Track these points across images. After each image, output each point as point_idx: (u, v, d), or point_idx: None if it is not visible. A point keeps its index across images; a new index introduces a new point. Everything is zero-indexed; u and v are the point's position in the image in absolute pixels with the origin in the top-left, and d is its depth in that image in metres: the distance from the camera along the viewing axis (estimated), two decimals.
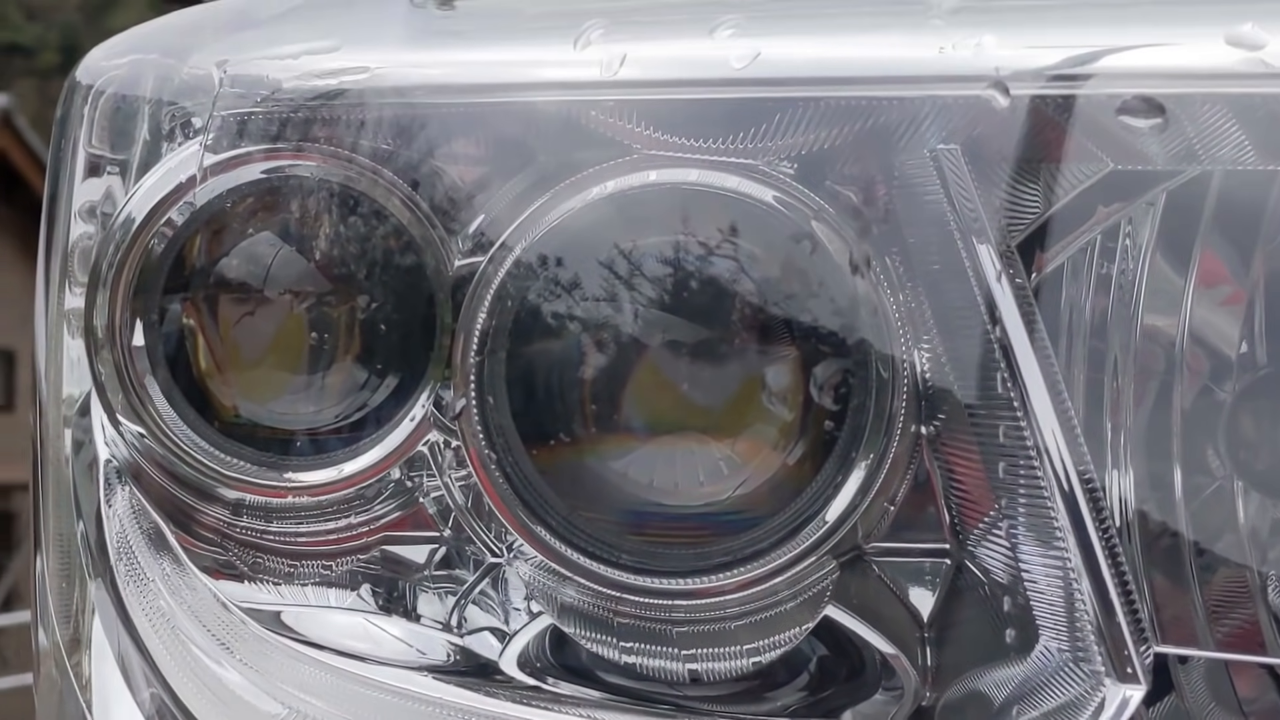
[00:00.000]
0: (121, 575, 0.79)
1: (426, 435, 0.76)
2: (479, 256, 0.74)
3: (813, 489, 0.74)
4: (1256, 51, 0.62)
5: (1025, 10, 0.69)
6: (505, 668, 0.77)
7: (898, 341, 0.70)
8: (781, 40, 0.71)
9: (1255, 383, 0.69)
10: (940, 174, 0.69)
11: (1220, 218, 0.68)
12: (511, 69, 0.74)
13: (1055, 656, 0.68)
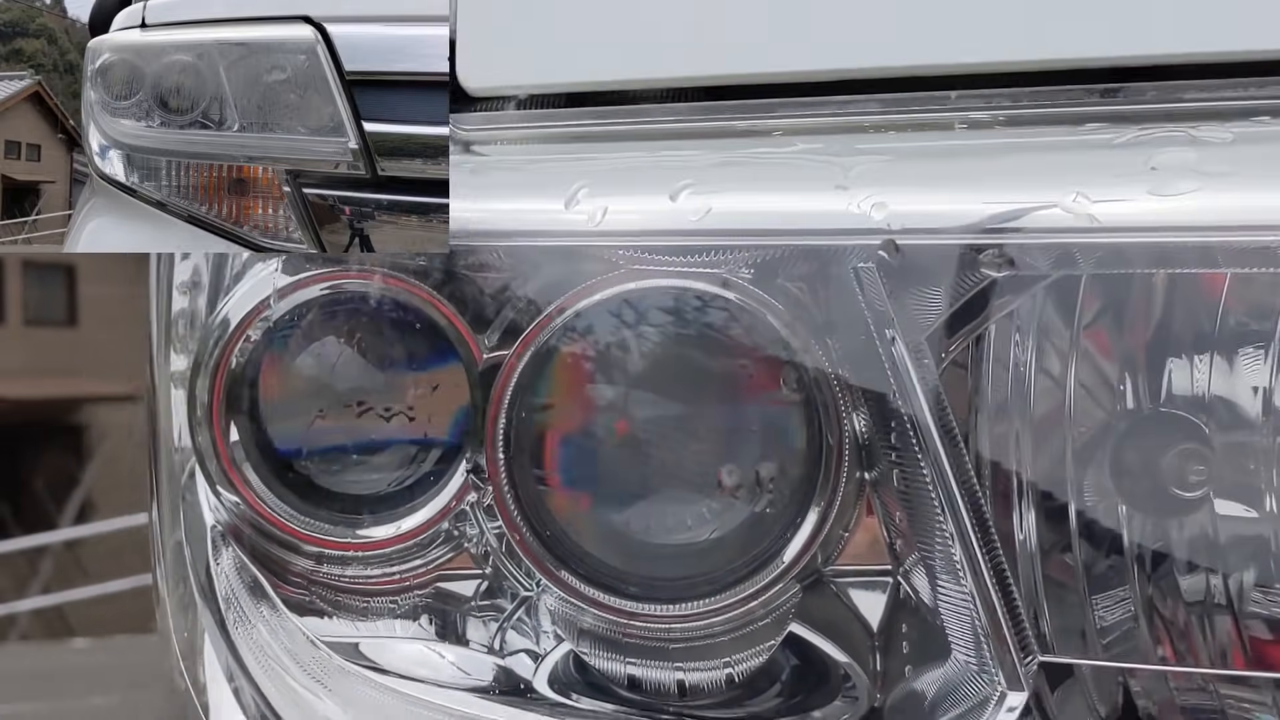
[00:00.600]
0: (230, 620, 0.93)
1: (467, 495, 0.89)
2: (503, 350, 0.86)
3: (778, 528, 0.85)
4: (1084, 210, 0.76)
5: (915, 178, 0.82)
6: (538, 686, 0.89)
7: (839, 411, 0.82)
8: (725, 197, 0.82)
9: (1133, 425, 0.80)
10: (860, 285, 0.80)
11: (1091, 297, 0.79)
12: (524, 217, 0.87)
13: (964, 666, 0.80)
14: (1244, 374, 0.79)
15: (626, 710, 0.88)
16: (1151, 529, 0.81)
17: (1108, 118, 0.82)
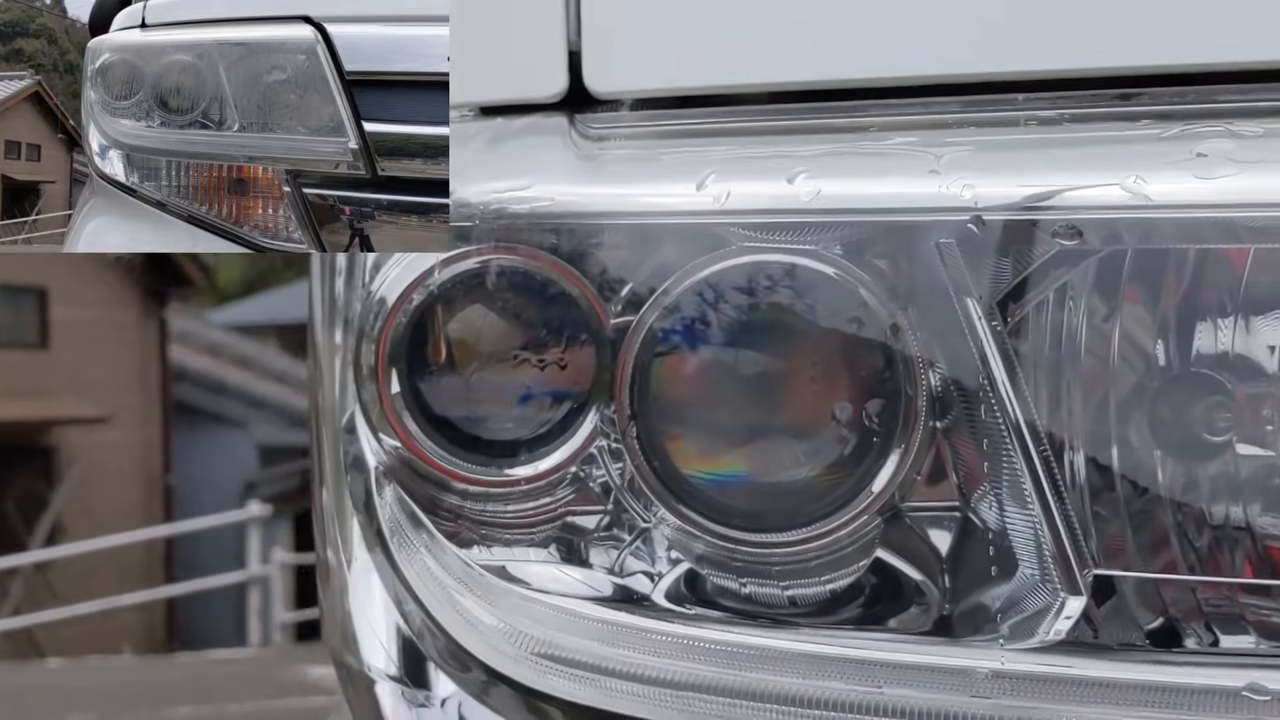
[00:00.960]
0: (394, 546, 1.04)
1: (596, 441, 0.98)
2: (629, 315, 0.96)
3: (863, 468, 0.95)
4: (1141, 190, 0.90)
5: (996, 165, 0.93)
6: (655, 598, 0.98)
7: (917, 368, 0.92)
8: (836, 181, 0.93)
9: (1168, 382, 0.91)
10: (942, 258, 0.91)
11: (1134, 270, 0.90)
12: (654, 200, 0.98)
13: (1029, 579, 0.91)
14: (1262, 336, 0.89)
15: (730, 615, 0.97)
16: (1183, 468, 0.91)
17: (1157, 115, 0.93)
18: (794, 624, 0.97)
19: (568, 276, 0.99)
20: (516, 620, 1.00)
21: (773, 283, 0.96)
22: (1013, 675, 0.90)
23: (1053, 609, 0.91)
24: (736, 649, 0.95)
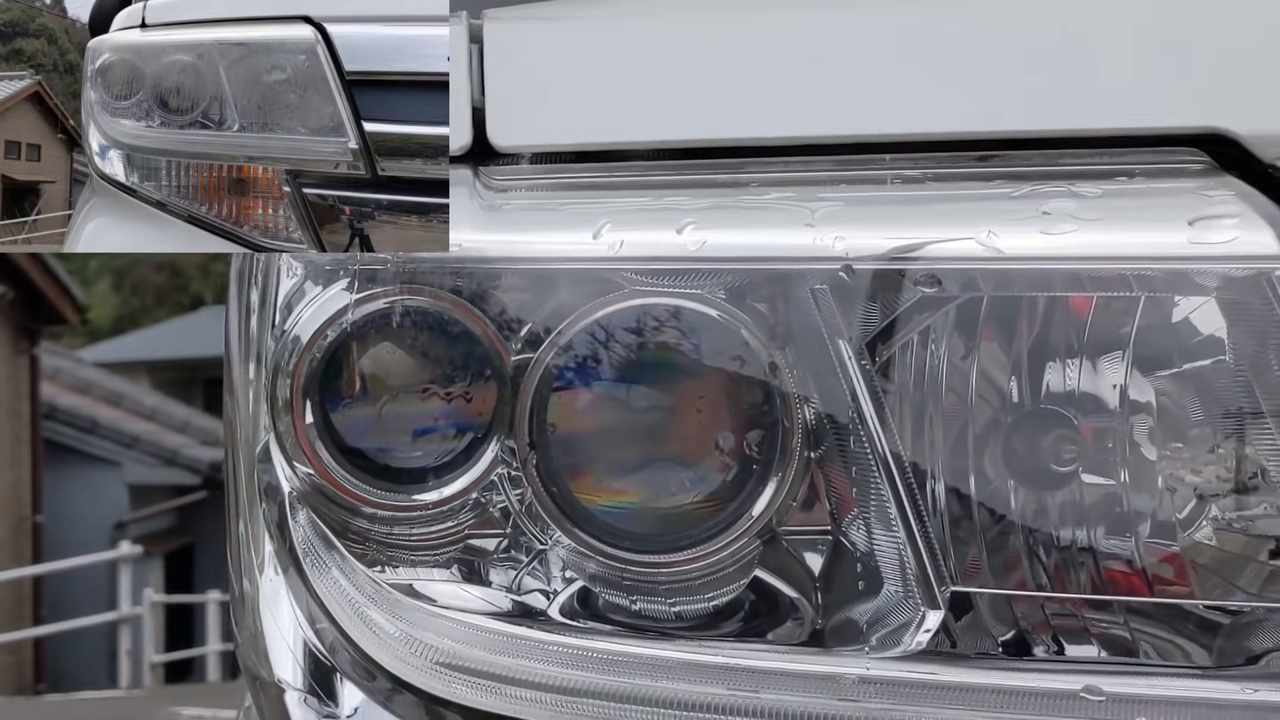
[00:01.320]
0: (307, 566, 1.09)
1: (496, 469, 1.04)
2: (528, 353, 1.02)
3: (743, 496, 1.01)
4: (993, 244, 0.98)
5: (865, 219, 1.01)
6: (551, 614, 1.04)
7: (793, 403, 1.00)
8: (720, 232, 1.00)
9: (1020, 417, 0.99)
10: (816, 303, 0.98)
11: (989, 315, 0.98)
12: (554, 246, 1.04)
13: (894, 596, 0.98)
14: (1104, 376, 0.97)
15: (623, 630, 1.04)
16: (1033, 495, 0.99)
17: (1008, 176, 1.01)
18: (679, 636, 1.03)
19: (470, 317, 1.05)
20: (421, 633, 1.06)
21: (661, 323, 1.02)
22: (877, 680, 0.97)
23: (914, 622, 0.99)
24: (626, 658, 1.02)
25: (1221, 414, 0.97)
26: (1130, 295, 0.98)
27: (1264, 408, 0.96)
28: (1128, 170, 1.01)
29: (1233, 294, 0.96)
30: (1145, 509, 0.98)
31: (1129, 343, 0.98)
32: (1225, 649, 0.98)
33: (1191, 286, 0.97)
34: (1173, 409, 0.98)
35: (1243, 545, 0.98)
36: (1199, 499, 0.97)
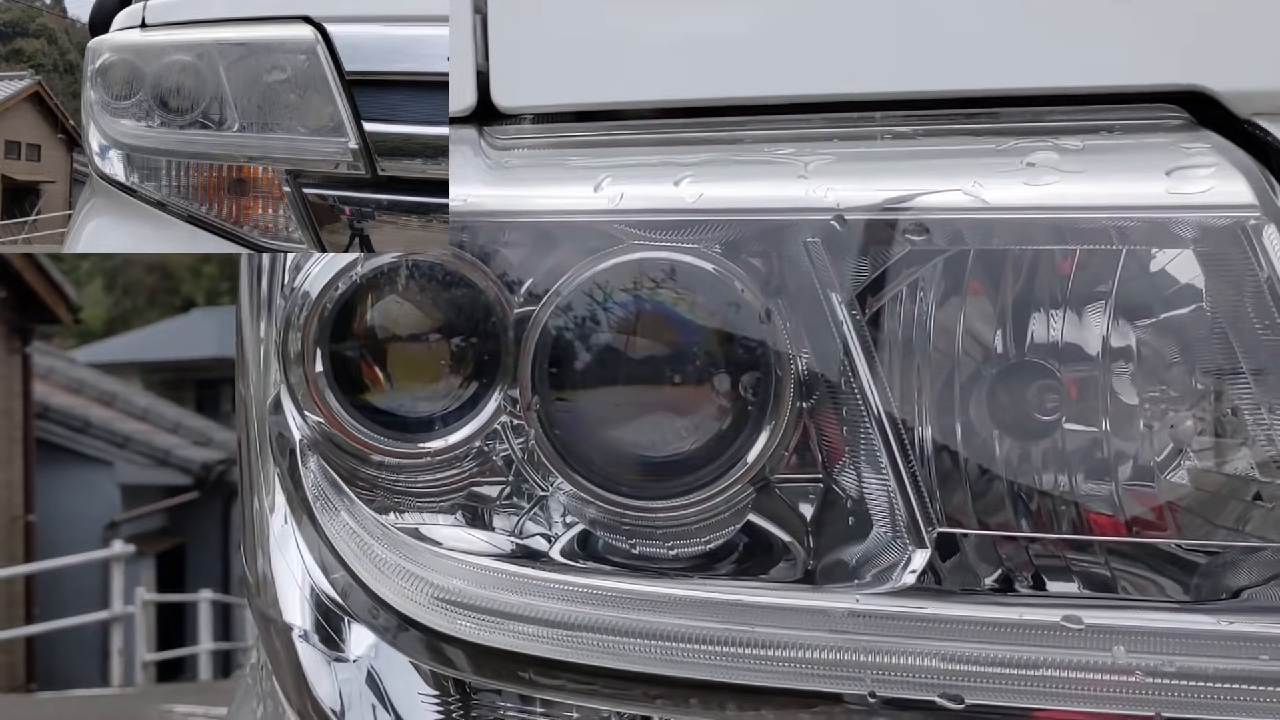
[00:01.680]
0: (317, 510, 1.13)
1: (500, 418, 1.08)
2: (530, 305, 1.06)
3: (739, 444, 1.05)
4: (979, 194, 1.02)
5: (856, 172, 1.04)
6: (552, 555, 1.08)
7: (787, 354, 1.03)
8: (716, 185, 1.03)
9: (1005, 367, 1.02)
10: (809, 255, 1.02)
11: (976, 267, 1.01)
12: (556, 200, 1.07)
13: (883, 537, 1.02)
14: (1086, 327, 1.01)
15: (622, 570, 1.08)
16: (1017, 443, 1.02)
17: (994, 131, 1.05)
18: (676, 575, 1.07)
19: (475, 270, 1.08)
20: (427, 572, 1.10)
21: (658, 277, 1.06)
22: (865, 614, 1.01)
23: (902, 562, 1.03)
24: (624, 594, 1.06)
25: (1198, 361, 1.01)
26: (1111, 248, 1.01)
27: (1238, 353, 0.99)
28: (1109, 125, 1.05)
29: (1210, 244, 1.00)
30: (1125, 454, 1.01)
31: (1110, 294, 1.01)
32: (1203, 586, 1.02)
33: (1170, 237, 1.00)
34: (1152, 358, 1.01)
35: (1219, 486, 1.01)
36: (1176, 444, 1.01)
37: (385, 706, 1.15)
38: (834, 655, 1.03)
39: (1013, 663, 1.00)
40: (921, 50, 1.08)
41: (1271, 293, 0.99)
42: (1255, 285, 0.99)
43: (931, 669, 1.01)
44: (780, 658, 1.03)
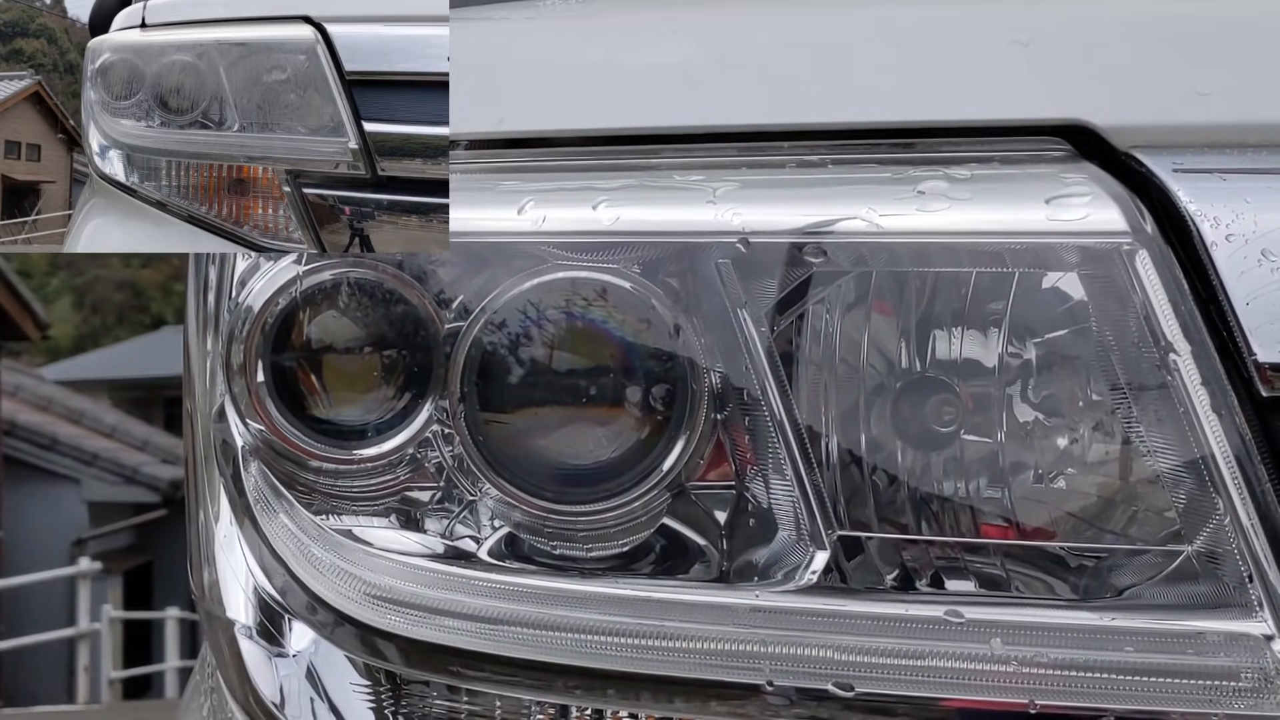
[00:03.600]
0: (258, 513, 1.19)
1: (431, 427, 1.14)
2: (460, 321, 1.12)
3: (655, 453, 1.11)
4: (874, 220, 1.11)
5: (760, 198, 1.10)
6: (480, 555, 1.14)
7: (702, 369, 1.10)
8: (632, 209, 1.10)
9: (906, 382, 1.09)
10: (720, 275, 1.09)
11: (879, 288, 1.08)
12: (484, 222, 1.13)
13: (788, 540, 1.09)
14: (982, 344, 1.08)
15: (544, 569, 1.14)
16: (918, 453, 1.09)
17: (892, 161, 1.12)
18: (595, 574, 1.14)
19: (409, 287, 1.15)
20: (361, 571, 1.16)
21: (580, 294, 1.12)
22: (766, 609, 1.08)
23: (804, 562, 1.10)
24: (546, 591, 1.12)
25: (1084, 378, 1.08)
26: (1004, 271, 1.08)
27: (1118, 371, 1.06)
28: (997, 156, 1.12)
29: (1089, 268, 1.07)
30: (1018, 463, 1.09)
31: (1005, 314, 1.09)
32: (1091, 586, 1.09)
33: (1051, 261, 1.08)
34: (1042, 373, 1.09)
35: (1104, 494, 1.08)
36: (1065, 454, 1.08)
37: (322, 698, 1.21)
38: (736, 647, 1.09)
39: (899, 654, 1.07)
40: (825, 84, 1.16)
41: (1145, 315, 1.06)
42: (1131, 307, 1.06)
43: (825, 660, 1.08)
44: (689, 649, 1.10)
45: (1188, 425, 1.06)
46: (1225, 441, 1.05)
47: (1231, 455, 1.05)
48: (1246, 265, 1.06)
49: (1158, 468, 1.07)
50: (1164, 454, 1.07)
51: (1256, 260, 1.06)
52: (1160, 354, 1.06)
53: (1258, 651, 1.04)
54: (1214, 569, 1.06)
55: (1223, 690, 1.04)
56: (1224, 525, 1.06)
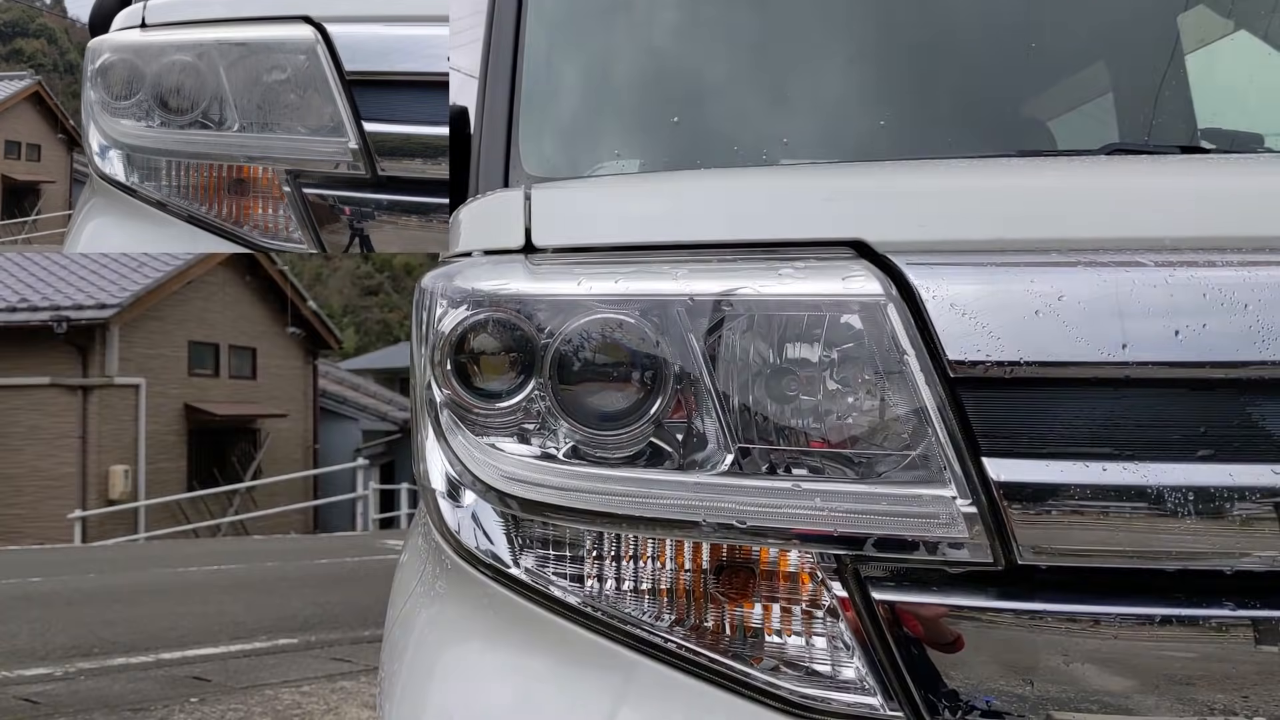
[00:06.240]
0: (448, 433, 1.98)
1: (535, 392, 1.88)
2: (549, 339, 1.89)
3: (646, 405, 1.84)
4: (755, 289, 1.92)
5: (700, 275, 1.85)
6: (559, 456, 1.88)
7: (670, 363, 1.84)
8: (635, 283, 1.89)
9: (774, 370, 1.94)
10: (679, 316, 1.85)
11: (759, 321, 1.84)
12: (558, 290, 1.86)
13: (713, 449, 1.88)
14: (810, 350, 1.91)
15: (590, 463, 1.88)
16: (778, 405, 1.92)
17: (766, 259, 1.89)
18: (616, 465, 1.87)
19: (524, 321, 1.89)
20: (499, 464, 1.93)
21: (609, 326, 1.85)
22: (703, 484, 1.83)
23: (721, 460, 1.83)
24: (591, 475, 1.88)
25: (861, 366, 1.84)
26: (820, 313, 1.87)
27: (879, 363, 1.87)
28: (816, 255, 1.85)
29: (865, 312, 1.76)
30: (828, 410, 1.91)
31: (822, 334, 1.79)
32: (865, 473, 1.81)
33: (847, 308, 1.78)
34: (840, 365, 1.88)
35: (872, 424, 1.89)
36: (852, 406, 1.93)
37: (479, 528, 1.98)
38: (687, 502, 1.80)
39: (770, 506, 1.79)
40: (732, 214, 1.99)
41: (893, 335, 1.73)
42: (886, 331, 1.75)
43: (731, 510, 1.78)
44: (663, 503, 1.81)
45: (913, 390, 1.73)
46: (932, 399, 1.72)
47: (935, 406, 1.72)
48: (944, 309, 1.72)
49: (898, 413, 1.75)
50: (901, 406, 1.75)
51: (949, 306, 1.72)
52: (899, 354, 1.73)
53: (948, 505, 1.71)
54: (926, 463, 1.74)
55: (931, 522, 1.72)
56: (932, 442, 1.72)
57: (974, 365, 1.71)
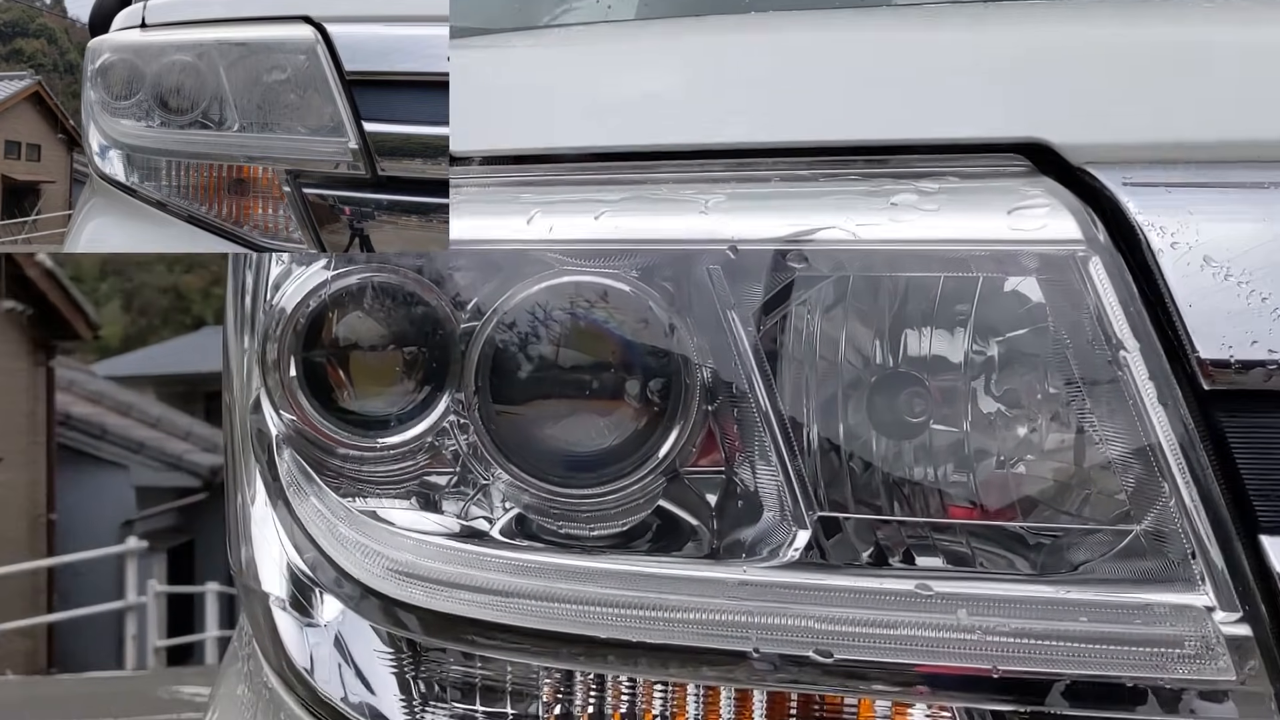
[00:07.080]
0: (291, 495, 1.31)
1: (448, 417, 1.25)
2: (474, 321, 1.23)
3: (652, 441, 1.22)
4: (851, 228, 1.20)
5: (747, 209, 1.21)
6: (492, 534, 1.25)
7: (695, 365, 1.21)
8: (630, 219, 1.21)
9: (881, 377, 1.20)
10: (711, 280, 1.20)
11: (855, 290, 1.19)
12: (493, 230, 1.24)
13: (772, 519, 1.20)
14: (949, 342, 1.19)
15: (551, 546, 1.26)
16: (891, 441, 1.20)
17: (867, 175, 1.23)
18: (597, 551, 1.26)
19: (428, 290, 1.27)
20: (384, 548, 1.28)
21: (583, 296, 1.24)
22: (753, 583, 1.20)
23: (787, 540, 1.21)
24: (552, 567, 1.24)
25: (1042, 373, 1.19)
26: (968, 275, 1.19)
27: (1074, 367, 1.17)
28: (963, 171, 1.23)
29: (1047, 272, 1.18)
30: (982, 451, 1.20)
31: (970, 314, 1.19)
32: (1048, 562, 1.20)
33: (1012, 266, 1.19)
34: (1004, 369, 1.19)
35: (1061, 476, 1.19)
36: (1025, 442, 1.19)
37: (348, 664, 1.33)
38: (726, 618, 1.21)
39: (873, 624, 1.18)
40: (806, 106, 1.27)
41: (1098, 315, 1.17)
42: (1085, 308, 1.17)
43: (806, 629, 1.19)
44: (683, 620, 1.22)
45: (1136, 416, 1.16)
46: (1170, 431, 1.15)
47: (1176, 443, 1.15)
48: (1190, 270, 1.16)
49: (1109, 455, 1.17)
50: (1115, 442, 1.17)
51: (1199, 266, 1.16)
52: (1111, 351, 1.16)
53: (1200, 621, 1.15)
54: (1160, 546, 1.17)
55: (1168, 657, 1.15)
56: (1169, 507, 1.16)
57: (1247, 371, 1.17)
